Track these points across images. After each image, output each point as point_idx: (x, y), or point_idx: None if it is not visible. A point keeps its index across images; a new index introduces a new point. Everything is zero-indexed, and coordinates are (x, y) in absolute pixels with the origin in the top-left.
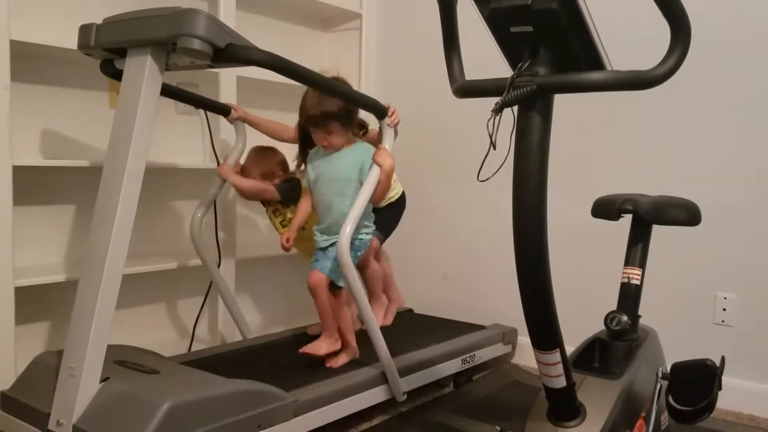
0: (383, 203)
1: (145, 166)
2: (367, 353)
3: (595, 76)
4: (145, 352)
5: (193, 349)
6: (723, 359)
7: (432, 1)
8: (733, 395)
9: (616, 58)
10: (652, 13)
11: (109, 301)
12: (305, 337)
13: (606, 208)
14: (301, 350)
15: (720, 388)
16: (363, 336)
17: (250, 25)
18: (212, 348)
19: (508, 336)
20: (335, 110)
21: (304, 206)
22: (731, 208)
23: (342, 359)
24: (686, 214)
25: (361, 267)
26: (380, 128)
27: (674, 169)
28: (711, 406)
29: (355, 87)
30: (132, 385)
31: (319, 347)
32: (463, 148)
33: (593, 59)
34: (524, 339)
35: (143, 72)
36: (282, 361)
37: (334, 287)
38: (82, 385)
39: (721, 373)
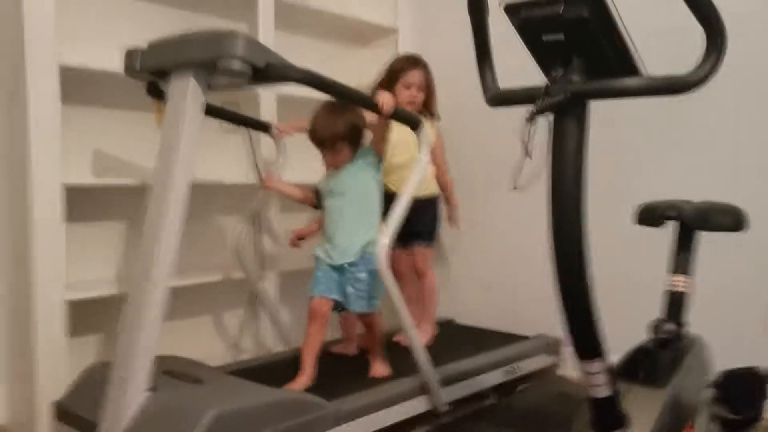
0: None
1: (191, 183)
2: (408, 363)
3: (629, 82)
4: (191, 362)
5: (237, 360)
6: None
7: (465, 13)
8: None
9: (651, 64)
10: (686, 18)
11: (156, 313)
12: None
13: (649, 215)
14: (370, 375)
15: None
16: (404, 346)
17: (288, 45)
18: (256, 358)
19: (552, 346)
20: (344, 131)
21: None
22: None
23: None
24: (731, 219)
25: (419, 275)
26: (418, 138)
27: (719, 174)
28: (759, 414)
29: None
30: (178, 395)
31: (380, 369)
32: (504, 157)
33: (627, 65)
34: (570, 349)
35: (186, 93)
36: (324, 371)
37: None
38: (130, 395)
39: None
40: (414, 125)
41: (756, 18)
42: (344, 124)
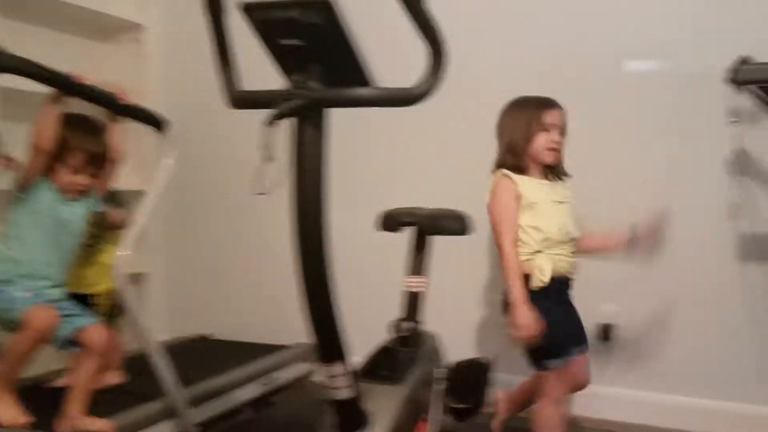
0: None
1: None
2: (152, 386)
3: (363, 91)
4: None
5: None
6: (495, 356)
7: None
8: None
9: (390, 77)
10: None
11: None
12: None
13: (389, 222)
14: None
15: (491, 384)
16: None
17: (17, 34)
18: None
19: (309, 354)
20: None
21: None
22: None
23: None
24: (458, 224)
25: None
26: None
27: (451, 182)
28: (482, 401)
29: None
30: None
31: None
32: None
33: (361, 75)
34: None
35: None
36: (48, 404)
37: None
38: None
39: (492, 369)
40: (157, 125)
41: (483, 36)
42: (106, 144)
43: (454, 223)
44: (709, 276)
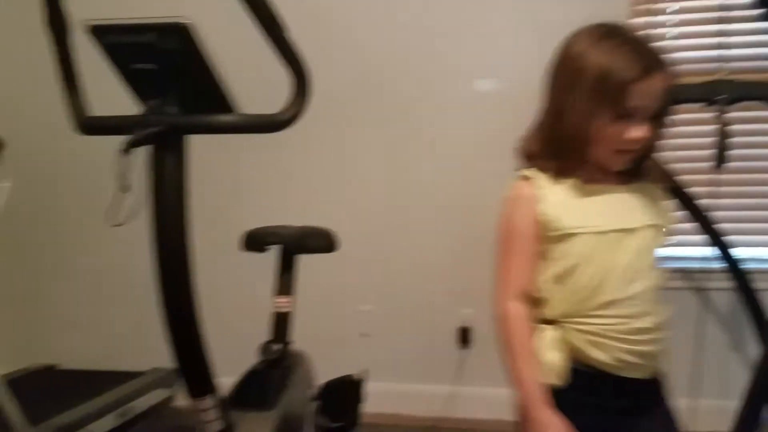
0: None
1: None
2: None
3: (224, 118)
4: None
5: None
6: (365, 372)
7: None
8: (381, 398)
9: (253, 102)
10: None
11: None
12: None
13: (253, 241)
14: None
15: (364, 400)
16: None
17: None
18: None
19: (167, 379)
20: None
21: None
22: (364, 232)
23: None
24: (324, 242)
25: None
26: None
27: (317, 200)
28: (357, 418)
29: None
30: None
31: None
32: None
33: (222, 101)
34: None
35: None
36: None
37: None
38: None
39: (363, 385)
40: None
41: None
42: None
43: (320, 241)
44: None
